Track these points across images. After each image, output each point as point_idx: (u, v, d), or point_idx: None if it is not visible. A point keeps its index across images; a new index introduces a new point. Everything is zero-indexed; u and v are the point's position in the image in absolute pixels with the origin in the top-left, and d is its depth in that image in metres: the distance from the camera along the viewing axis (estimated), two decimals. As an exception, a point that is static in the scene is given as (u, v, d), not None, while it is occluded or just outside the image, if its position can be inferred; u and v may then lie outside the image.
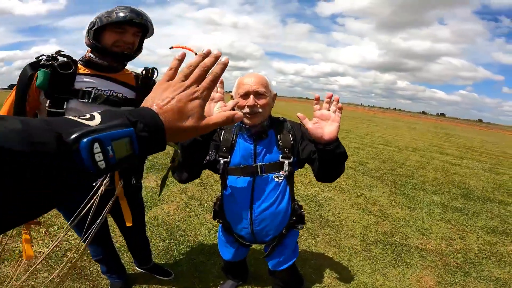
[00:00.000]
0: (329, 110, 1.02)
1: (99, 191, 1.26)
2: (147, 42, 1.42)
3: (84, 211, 1.24)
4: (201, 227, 2.66)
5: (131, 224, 1.43)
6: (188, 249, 2.31)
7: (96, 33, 1.23)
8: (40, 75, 1.13)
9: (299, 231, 1.54)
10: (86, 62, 1.26)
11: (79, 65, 1.25)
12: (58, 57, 1.19)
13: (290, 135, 1.27)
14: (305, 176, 4.53)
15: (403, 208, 3.64)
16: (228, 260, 1.62)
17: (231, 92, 1.28)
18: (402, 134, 13.65)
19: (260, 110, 1.19)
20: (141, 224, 1.72)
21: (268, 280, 1.93)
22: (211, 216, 1.60)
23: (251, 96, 1.17)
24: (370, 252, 2.49)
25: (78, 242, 2.13)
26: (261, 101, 1.18)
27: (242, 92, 1.18)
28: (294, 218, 1.40)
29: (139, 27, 1.26)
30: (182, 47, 1.23)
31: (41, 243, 2.20)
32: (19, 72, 1.19)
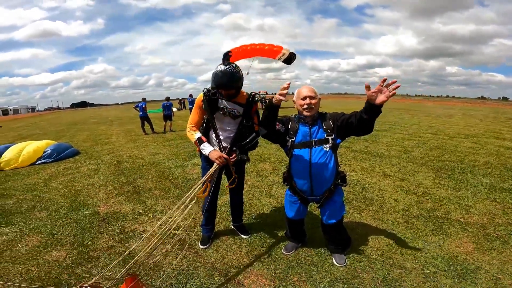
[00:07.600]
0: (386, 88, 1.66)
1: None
2: (183, 55, 2.22)
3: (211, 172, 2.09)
4: (263, 207, 3.27)
5: (231, 186, 2.32)
6: (256, 223, 2.92)
7: None
8: (203, 101, 2.15)
9: (346, 213, 2.24)
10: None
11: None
12: (212, 89, 2.11)
13: (331, 122, 2.00)
14: (349, 166, 4.89)
15: (448, 189, 3.81)
16: (291, 218, 2.23)
17: (289, 93, 1.92)
18: (455, 122, 12.88)
19: (313, 106, 1.97)
20: (241, 186, 2.58)
21: (321, 243, 2.42)
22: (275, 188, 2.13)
23: (307, 98, 1.96)
24: (411, 224, 2.82)
25: (177, 221, 2.84)
26: (313, 101, 1.97)
27: (301, 96, 2.00)
28: (339, 180, 2.05)
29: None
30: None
31: (152, 224, 2.94)
32: (77, 92, 2.13)
